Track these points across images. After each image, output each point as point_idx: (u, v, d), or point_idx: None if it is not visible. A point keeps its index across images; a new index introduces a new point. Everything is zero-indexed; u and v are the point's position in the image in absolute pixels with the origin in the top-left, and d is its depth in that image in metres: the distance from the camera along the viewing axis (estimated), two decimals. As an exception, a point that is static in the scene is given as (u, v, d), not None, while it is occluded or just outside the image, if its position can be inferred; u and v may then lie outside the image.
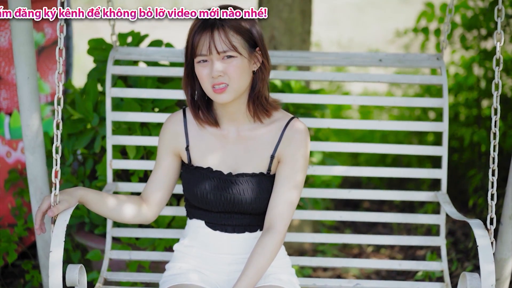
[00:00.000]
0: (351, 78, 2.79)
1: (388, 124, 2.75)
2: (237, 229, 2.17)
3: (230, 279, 2.17)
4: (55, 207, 2.06)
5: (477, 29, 4.24)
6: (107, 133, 2.66)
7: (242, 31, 2.04)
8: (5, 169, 3.24)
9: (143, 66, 2.95)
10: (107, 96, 2.66)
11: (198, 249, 2.21)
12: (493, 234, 2.12)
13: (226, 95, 2.05)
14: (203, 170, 2.16)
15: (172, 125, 2.21)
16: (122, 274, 2.55)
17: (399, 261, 2.63)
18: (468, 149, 4.17)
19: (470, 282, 2.07)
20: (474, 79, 4.38)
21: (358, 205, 4.38)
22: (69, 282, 2.08)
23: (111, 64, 2.68)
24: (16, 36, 2.49)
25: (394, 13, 9.77)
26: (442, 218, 2.63)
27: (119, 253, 2.63)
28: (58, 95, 2.14)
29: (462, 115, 4.45)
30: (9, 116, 3.27)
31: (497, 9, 2.19)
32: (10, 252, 2.93)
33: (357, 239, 2.70)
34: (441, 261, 2.61)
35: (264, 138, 2.15)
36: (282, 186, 2.12)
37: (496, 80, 2.16)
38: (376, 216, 2.69)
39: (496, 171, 2.11)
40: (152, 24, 2.82)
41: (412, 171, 2.75)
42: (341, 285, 2.52)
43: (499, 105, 2.14)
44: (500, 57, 2.14)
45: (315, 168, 2.70)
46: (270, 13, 3.67)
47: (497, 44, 2.15)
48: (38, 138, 2.58)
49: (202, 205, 2.16)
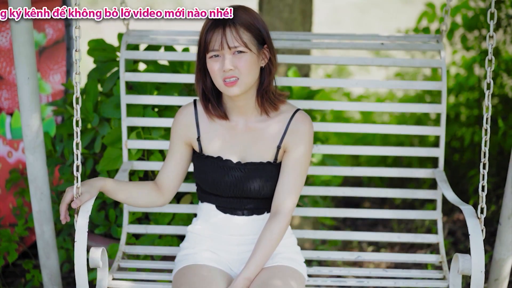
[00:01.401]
0: (354, 62, 2.84)
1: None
2: (246, 212, 2.33)
3: (240, 258, 2.34)
4: (77, 199, 2.20)
5: (478, 30, 4.24)
6: (122, 116, 2.75)
7: (251, 29, 2.19)
8: (6, 169, 3.25)
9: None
10: (121, 81, 2.74)
11: (210, 231, 2.37)
12: (483, 222, 2.23)
13: (237, 88, 2.19)
14: (213, 159, 2.31)
15: (184, 117, 2.34)
16: (139, 247, 2.69)
17: (398, 234, 2.76)
18: (469, 150, 4.17)
19: (462, 264, 2.19)
20: (475, 79, 4.38)
21: (359, 205, 4.39)
22: (92, 263, 2.22)
23: (124, 49, 2.76)
24: (16, 37, 2.50)
25: (396, 13, 9.76)
26: (439, 194, 2.73)
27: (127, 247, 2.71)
28: (76, 94, 2.24)
29: (463, 116, 4.45)
30: (10, 116, 3.28)
31: (490, 12, 2.25)
32: (11, 252, 2.94)
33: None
34: (437, 234, 2.72)
35: (271, 129, 2.30)
36: (288, 173, 2.28)
37: (488, 80, 2.25)
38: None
39: (487, 164, 2.21)
40: (154, 24, 2.84)
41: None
42: (344, 257, 2.69)
43: (490, 103, 2.25)
44: (492, 58, 2.23)
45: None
46: (271, 13, 3.68)
47: (489, 46, 2.24)
48: (38, 138, 2.59)
49: (213, 191, 2.32)
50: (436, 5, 4.52)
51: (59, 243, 3.01)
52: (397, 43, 2.80)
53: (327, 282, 2.54)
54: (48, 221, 2.70)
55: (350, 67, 7.03)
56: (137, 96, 2.77)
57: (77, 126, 2.24)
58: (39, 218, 2.69)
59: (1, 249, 2.94)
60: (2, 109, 3.26)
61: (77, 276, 2.16)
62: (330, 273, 2.61)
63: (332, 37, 2.82)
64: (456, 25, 4.34)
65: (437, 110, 2.75)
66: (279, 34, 2.83)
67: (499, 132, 3.79)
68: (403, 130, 2.83)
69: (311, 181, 3.13)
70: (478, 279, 2.14)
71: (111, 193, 2.28)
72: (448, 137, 4.29)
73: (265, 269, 2.27)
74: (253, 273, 2.21)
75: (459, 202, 2.41)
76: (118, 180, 2.34)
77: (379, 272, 2.63)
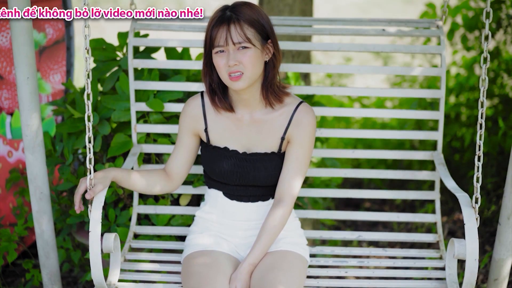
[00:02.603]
0: (356, 48, 2.86)
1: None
2: (252, 198, 2.44)
3: (246, 242, 2.45)
4: (91, 190, 2.29)
5: (479, 30, 4.24)
6: (131, 101, 2.82)
7: (255, 25, 2.26)
8: (7, 168, 3.25)
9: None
10: (130, 67, 2.80)
11: (217, 216, 2.48)
12: (477, 211, 2.29)
13: (241, 82, 2.27)
14: (220, 150, 2.41)
15: (192, 109, 2.44)
16: (150, 228, 2.79)
17: (398, 213, 2.82)
18: (469, 150, 4.17)
19: (457, 248, 2.26)
20: (475, 79, 4.38)
21: (359, 205, 4.39)
22: (105, 249, 2.33)
23: (132, 36, 2.80)
24: (16, 37, 2.50)
25: (397, 13, 9.76)
26: (437, 175, 2.80)
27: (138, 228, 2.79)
28: (87, 91, 2.30)
29: (463, 116, 4.45)
30: (10, 116, 3.28)
31: (486, 12, 2.28)
32: (11, 252, 2.94)
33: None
34: (435, 214, 2.79)
35: (275, 121, 2.39)
36: (291, 163, 2.38)
37: (483, 76, 2.29)
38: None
39: (481, 157, 2.29)
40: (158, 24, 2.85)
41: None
42: (345, 236, 2.79)
43: (485, 99, 2.30)
44: (487, 56, 2.26)
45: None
46: (271, 13, 3.68)
47: (484, 45, 2.27)
48: (37, 137, 2.59)
49: (220, 179, 2.43)
50: (437, 5, 4.52)
51: (59, 243, 3.02)
52: (398, 30, 2.84)
53: (329, 262, 2.64)
54: (48, 220, 2.70)
55: (351, 63, 7.02)
56: (146, 82, 2.82)
57: (89, 121, 2.31)
58: (39, 218, 2.69)
59: (1, 248, 2.94)
60: (3, 109, 3.26)
61: (92, 265, 2.24)
62: (332, 252, 2.70)
63: (334, 23, 2.84)
64: (457, 25, 4.34)
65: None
66: (282, 19, 2.84)
67: (499, 132, 3.79)
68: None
69: (311, 181, 3.13)
70: (472, 267, 2.21)
71: (123, 182, 2.38)
72: (448, 138, 4.29)
73: (269, 253, 2.38)
74: (258, 258, 2.33)
75: (456, 189, 2.46)
76: (129, 170, 2.43)
77: (379, 251, 2.73)
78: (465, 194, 2.35)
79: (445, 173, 2.64)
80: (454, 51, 4.56)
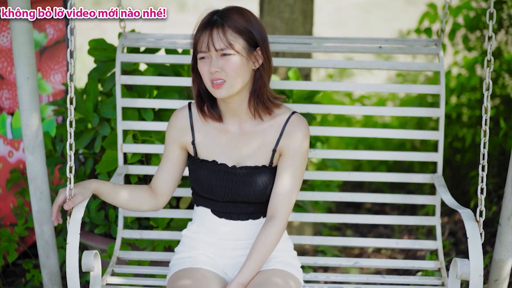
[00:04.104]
0: (352, 65, 2.84)
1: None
2: (241, 216, 2.29)
3: (236, 263, 2.30)
4: (70, 200, 2.18)
5: (480, 30, 4.24)
6: (117, 119, 2.74)
7: (241, 31, 2.14)
8: (7, 168, 3.25)
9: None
10: (117, 83, 2.73)
11: (205, 235, 2.32)
12: (482, 225, 2.21)
13: (223, 91, 2.15)
14: (208, 163, 2.27)
15: (179, 120, 2.30)
16: (134, 253, 2.67)
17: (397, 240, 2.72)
18: (470, 150, 4.17)
19: (460, 268, 2.16)
20: (476, 80, 4.37)
21: (360, 206, 4.38)
22: (85, 267, 2.19)
23: (120, 52, 2.75)
24: (16, 36, 2.50)
25: (399, 13, 9.76)
26: (438, 199, 2.72)
27: (121, 253, 2.68)
28: (70, 94, 2.23)
29: (464, 116, 4.45)
30: (11, 116, 3.29)
31: (489, 12, 2.23)
32: (11, 252, 2.95)
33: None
34: (436, 241, 2.71)
35: (266, 132, 2.25)
36: (284, 177, 2.23)
37: (486, 81, 2.23)
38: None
39: (486, 167, 2.19)
40: (159, 24, 2.85)
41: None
42: (341, 263, 2.67)
43: (489, 104, 2.22)
44: (491, 59, 2.21)
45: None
46: (271, 13, 3.68)
47: (488, 46, 2.22)
48: (37, 138, 2.59)
49: (208, 195, 2.28)
50: (438, 6, 4.51)
51: (59, 243, 3.02)
52: (395, 47, 2.78)
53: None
54: (48, 221, 2.70)
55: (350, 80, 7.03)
56: (134, 99, 2.75)
57: (71, 127, 2.23)
58: (39, 218, 2.69)
59: (1, 248, 2.94)
60: (3, 109, 3.26)
61: (69, 280, 2.12)
62: (327, 279, 2.56)
63: (331, 41, 2.79)
64: (458, 25, 4.33)
65: (436, 114, 2.73)
66: (277, 37, 2.80)
67: (500, 132, 3.78)
68: (403, 134, 2.83)
69: (311, 182, 3.13)
70: (476, 283, 2.11)
71: (105, 196, 2.25)
72: (449, 138, 4.28)
73: (260, 272, 2.23)
74: (248, 278, 2.17)
75: (457, 206, 2.39)
76: (113, 183, 2.30)
77: (377, 278, 2.60)
78: (468, 210, 2.26)
79: (446, 194, 2.55)
80: (456, 52, 4.56)
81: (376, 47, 2.76)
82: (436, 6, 4.52)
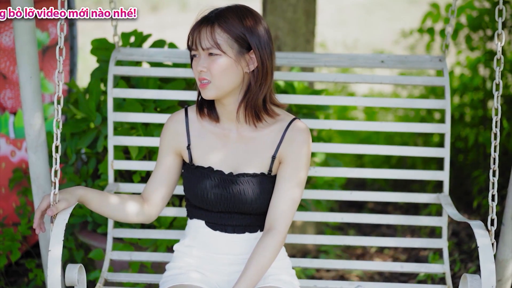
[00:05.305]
0: (353, 79, 2.79)
1: (391, 126, 2.77)
2: (237, 229, 2.16)
3: (231, 279, 2.16)
4: (54, 206, 2.05)
5: (483, 30, 4.23)
6: (108, 134, 2.65)
7: (231, 31, 2.03)
8: (10, 168, 3.26)
9: (146, 66, 2.96)
10: (109, 96, 2.65)
11: (198, 250, 2.19)
12: (494, 235, 2.11)
13: (209, 92, 2.06)
14: (204, 170, 2.15)
15: (174, 124, 2.19)
16: (123, 274, 2.54)
17: (401, 263, 2.62)
18: (473, 150, 4.16)
19: (471, 284, 2.06)
20: (479, 79, 4.37)
21: (362, 205, 4.38)
22: (68, 281, 2.07)
23: (113, 65, 2.68)
24: (18, 36, 2.50)
25: (402, 13, 9.75)
26: (444, 221, 2.62)
27: (120, 253, 2.63)
28: (58, 94, 2.15)
29: (467, 116, 4.44)
30: (13, 116, 3.29)
31: (498, 9, 2.19)
32: (14, 251, 2.95)
33: (360, 241, 2.71)
34: (443, 263, 2.60)
35: (266, 138, 2.14)
36: (284, 186, 2.11)
37: (496, 81, 2.15)
38: (379, 218, 2.70)
39: (497, 172, 2.10)
40: (160, 24, 2.83)
41: (415, 173, 2.74)
42: (342, 286, 2.51)
43: (499, 105, 2.14)
44: (501, 57, 2.13)
45: (317, 169, 2.70)
46: (274, 13, 3.68)
47: (498, 44, 2.14)
48: (40, 137, 2.59)
49: (203, 205, 2.15)
50: (441, 5, 4.51)
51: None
52: (397, 61, 2.70)
53: None
54: (47, 220, 2.69)
55: (355, 69, 7.00)
56: (126, 113, 2.68)
57: (58, 128, 2.14)
58: (42, 217, 2.69)
59: (4, 248, 2.95)
60: (6, 109, 3.26)
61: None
62: None
63: (331, 56, 2.74)
64: (461, 25, 4.33)
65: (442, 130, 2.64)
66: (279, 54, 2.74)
67: (503, 132, 3.78)
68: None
69: (313, 181, 3.12)
70: None
71: (92, 204, 2.12)
72: (452, 138, 4.28)
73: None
74: None
75: (467, 220, 2.29)
76: (102, 191, 2.17)
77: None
78: (479, 222, 2.16)
79: (453, 213, 2.47)
80: (458, 51, 4.55)
81: (378, 62, 2.69)
82: (439, 6, 4.51)
